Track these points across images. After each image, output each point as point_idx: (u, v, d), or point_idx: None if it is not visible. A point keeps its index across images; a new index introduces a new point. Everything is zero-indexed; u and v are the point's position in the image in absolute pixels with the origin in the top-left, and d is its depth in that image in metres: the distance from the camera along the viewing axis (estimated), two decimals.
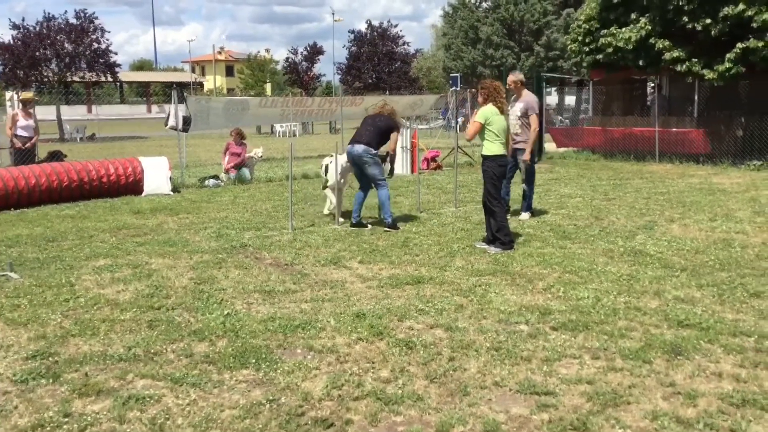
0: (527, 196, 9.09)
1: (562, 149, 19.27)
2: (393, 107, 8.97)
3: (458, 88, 21.12)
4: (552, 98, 29.03)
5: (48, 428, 3.39)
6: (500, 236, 7.10)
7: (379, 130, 8.44)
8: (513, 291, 5.64)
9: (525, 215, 9.01)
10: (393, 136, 8.63)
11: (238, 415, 3.53)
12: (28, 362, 4.23)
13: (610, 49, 16.45)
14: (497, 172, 7.23)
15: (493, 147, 7.18)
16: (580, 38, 17.88)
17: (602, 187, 12.18)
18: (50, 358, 4.27)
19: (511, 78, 8.96)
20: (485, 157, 7.25)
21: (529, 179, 8.99)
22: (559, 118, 26.74)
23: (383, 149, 8.56)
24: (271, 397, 3.72)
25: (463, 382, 3.88)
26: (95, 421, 3.46)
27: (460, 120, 25.18)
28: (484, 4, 37.22)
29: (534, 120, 8.64)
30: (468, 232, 8.07)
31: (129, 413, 3.54)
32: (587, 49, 17.63)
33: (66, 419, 3.48)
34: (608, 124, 18.30)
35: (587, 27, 17.64)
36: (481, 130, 7.17)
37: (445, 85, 36.83)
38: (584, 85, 24.63)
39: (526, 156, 8.64)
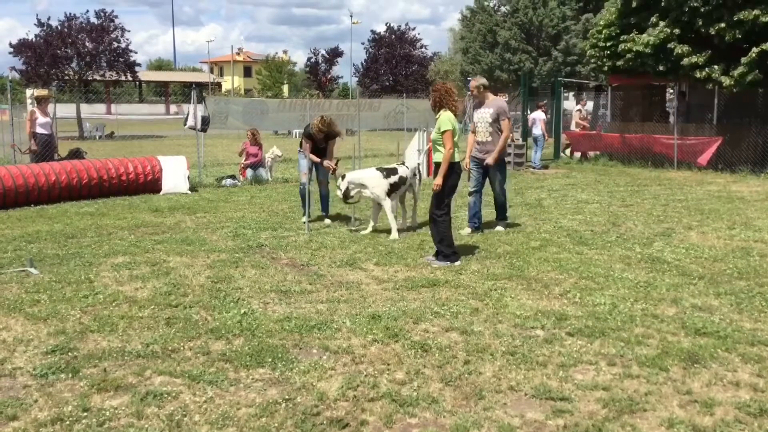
0: (501, 205, 8.48)
1: (577, 154, 19.17)
2: (319, 120, 8.94)
3: None
4: (570, 103, 28.93)
5: (67, 422, 3.43)
6: (443, 248, 6.69)
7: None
8: (529, 296, 5.63)
9: (501, 227, 8.41)
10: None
11: (254, 413, 3.56)
12: (48, 357, 4.28)
13: (630, 55, 16.36)
14: (454, 181, 6.80)
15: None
16: (599, 44, 17.79)
17: (620, 193, 12.12)
18: (69, 353, 4.32)
19: (473, 83, 8.32)
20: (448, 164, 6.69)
21: (504, 189, 8.41)
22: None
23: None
24: (287, 397, 3.74)
25: (478, 386, 3.89)
26: (114, 416, 3.50)
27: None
28: (503, 8, 37.15)
29: (506, 125, 8.10)
30: (484, 236, 8.06)
31: (147, 409, 3.58)
32: (607, 53, 17.54)
33: (85, 414, 3.52)
34: (626, 130, 18.19)
35: (607, 32, 17.55)
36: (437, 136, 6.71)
37: (462, 89, 36.76)
38: (602, 90, 24.52)
39: (491, 160, 8.07)
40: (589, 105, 27.17)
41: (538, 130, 17.24)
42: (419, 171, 8.69)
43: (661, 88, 19.75)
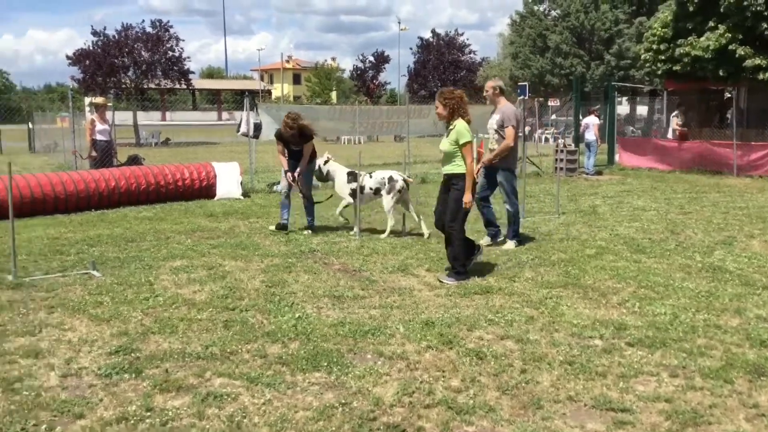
0: (514, 220, 7.86)
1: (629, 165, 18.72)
2: (285, 115, 8.64)
3: (527, 97, 20.92)
4: (623, 108, 28.41)
5: (132, 422, 3.52)
6: (456, 265, 6.37)
7: None
8: (586, 304, 5.53)
9: (511, 243, 7.77)
10: None
11: (311, 416, 3.58)
12: (112, 357, 4.40)
13: (687, 59, 15.99)
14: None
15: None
16: (654, 47, 17.44)
17: (677, 200, 11.82)
18: (132, 354, 4.44)
19: (489, 84, 7.88)
20: (461, 175, 6.32)
21: (513, 201, 7.82)
22: (631, 128, 26.14)
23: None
24: (343, 401, 3.76)
25: (536, 395, 3.83)
26: (176, 416, 3.58)
27: (526, 129, 24.91)
28: (554, 13, 36.77)
29: (509, 133, 7.49)
30: (537, 243, 7.96)
31: (208, 410, 3.64)
32: (662, 57, 17.18)
33: (148, 413, 3.61)
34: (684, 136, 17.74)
35: (661, 35, 17.19)
36: (450, 147, 6.35)
37: (512, 94, 36.50)
38: (657, 95, 24.02)
39: (484, 159, 7.65)
40: (642, 110, 26.68)
41: (591, 136, 16.96)
42: (391, 182, 8.39)
43: (718, 93, 19.23)
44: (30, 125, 29.56)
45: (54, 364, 4.28)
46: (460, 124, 6.33)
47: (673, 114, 18.97)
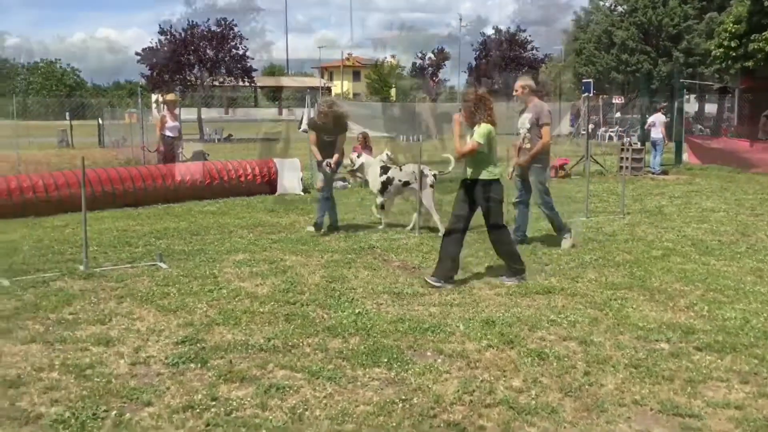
0: (553, 219, 7.73)
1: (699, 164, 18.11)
2: (322, 101, 8.64)
3: (591, 94, 20.46)
4: (691, 106, 27.53)
5: (197, 410, 3.61)
6: (513, 263, 6.27)
7: None
8: (652, 307, 5.38)
9: (566, 242, 7.62)
10: None
11: (372, 411, 3.61)
12: (178, 347, 4.52)
13: (761, 55, 15.38)
14: (502, 196, 6.32)
15: (496, 169, 6.25)
16: (725, 43, 16.83)
17: (748, 201, 11.38)
18: (198, 344, 4.55)
19: (519, 83, 7.70)
20: (491, 182, 6.18)
21: (547, 200, 7.67)
22: (699, 126, 25.30)
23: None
24: (403, 397, 3.77)
25: (599, 398, 3.76)
26: (240, 406, 3.65)
27: (590, 127, 24.42)
28: (620, 8, 35.88)
29: (545, 131, 7.42)
30: (601, 243, 7.79)
31: (270, 401, 3.71)
32: (734, 54, 16.56)
33: (213, 403, 3.70)
34: (756, 135, 17.06)
35: (733, 31, 16.57)
36: (477, 151, 6.13)
37: (575, 92, 35.81)
38: (727, 92, 23.18)
39: (521, 160, 7.54)
40: (712, 108, 25.78)
41: (657, 134, 16.50)
42: (422, 175, 8.38)
43: None
44: (100, 121, 30.65)
45: (123, 352, 4.43)
46: (484, 127, 6.16)
47: (765, 113, 18.13)
